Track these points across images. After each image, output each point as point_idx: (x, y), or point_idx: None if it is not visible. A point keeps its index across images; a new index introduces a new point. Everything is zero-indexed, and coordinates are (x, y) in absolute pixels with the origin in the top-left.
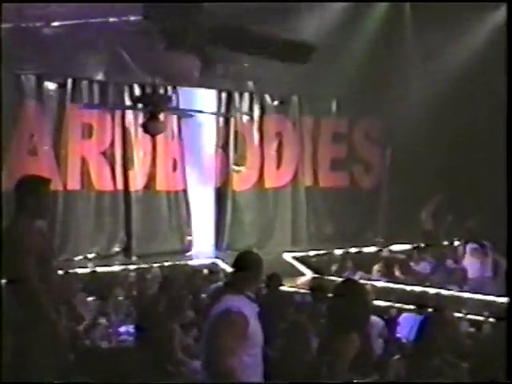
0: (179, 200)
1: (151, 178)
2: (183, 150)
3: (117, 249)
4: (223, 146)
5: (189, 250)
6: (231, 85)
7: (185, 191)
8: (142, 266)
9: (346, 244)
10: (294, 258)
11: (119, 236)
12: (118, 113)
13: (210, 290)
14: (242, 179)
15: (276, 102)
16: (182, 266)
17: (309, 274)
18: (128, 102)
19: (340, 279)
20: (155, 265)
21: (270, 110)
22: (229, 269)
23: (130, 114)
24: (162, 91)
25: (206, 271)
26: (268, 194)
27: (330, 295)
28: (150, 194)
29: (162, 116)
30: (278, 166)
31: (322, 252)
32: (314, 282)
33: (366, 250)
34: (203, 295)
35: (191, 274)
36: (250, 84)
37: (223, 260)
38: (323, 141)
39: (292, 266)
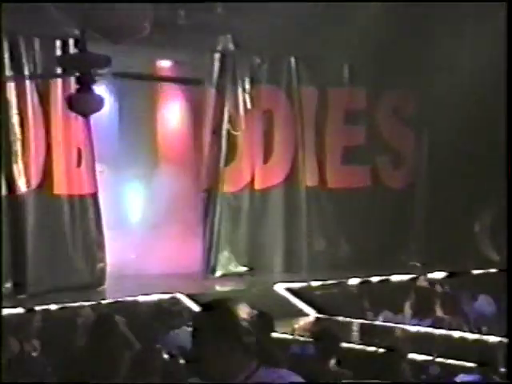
0: (86, 208)
1: (46, 176)
2: (91, 134)
3: (7, 284)
4: (214, 131)
5: (101, 282)
6: (199, 42)
7: (94, 196)
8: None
9: (365, 270)
10: (290, 290)
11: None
12: None
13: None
14: (233, 177)
15: (264, 66)
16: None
17: (312, 314)
18: (44, 66)
19: (357, 321)
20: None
21: (257, 79)
22: (196, 307)
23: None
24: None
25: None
26: (254, 198)
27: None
28: (44, 199)
29: (96, 86)
30: (266, 158)
31: (330, 282)
32: (318, 325)
33: (394, 278)
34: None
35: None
36: (226, 40)
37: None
38: (332, 121)
39: (287, 302)
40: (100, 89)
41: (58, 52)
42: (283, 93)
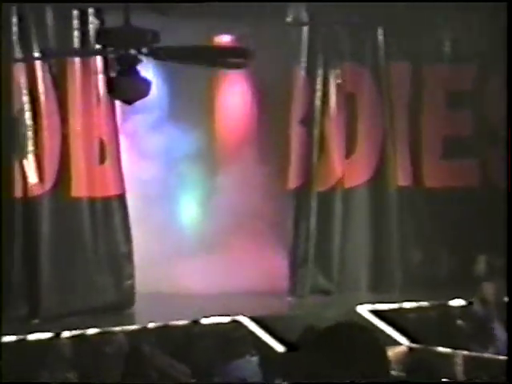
0: (110, 213)
1: (62, 175)
2: (116, 123)
3: (18, 307)
4: (303, 121)
5: (130, 303)
6: (265, 11)
7: (121, 198)
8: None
9: (471, 289)
10: (376, 313)
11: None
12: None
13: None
14: (324, 174)
15: (345, 41)
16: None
17: (404, 343)
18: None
19: (461, 352)
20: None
21: (339, 56)
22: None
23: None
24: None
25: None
26: (346, 198)
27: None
28: (60, 203)
29: (141, 68)
30: (349, 152)
31: (427, 303)
32: (412, 357)
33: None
34: None
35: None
36: (298, 9)
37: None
38: (430, 105)
39: (373, 326)
40: (146, 71)
41: (75, 25)
42: (368, 71)
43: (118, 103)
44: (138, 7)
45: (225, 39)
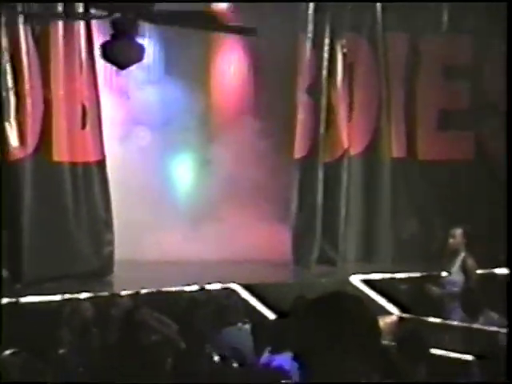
0: (91, 179)
1: (44, 140)
2: (97, 89)
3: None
4: (308, 90)
5: (109, 270)
6: None
7: (101, 164)
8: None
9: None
10: (368, 283)
11: None
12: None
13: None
14: (331, 144)
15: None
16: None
17: (395, 313)
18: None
19: (451, 322)
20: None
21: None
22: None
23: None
24: None
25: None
26: (341, 169)
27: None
28: (42, 167)
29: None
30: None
31: (419, 274)
32: (403, 326)
33: (500, 271)
34: None
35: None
36: None
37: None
38: (427, 77)
39: (365, 297)
40: (140, 35)
41: None
42: (366, 42)
43: (101, 68)
44: None
45: (221, 7)
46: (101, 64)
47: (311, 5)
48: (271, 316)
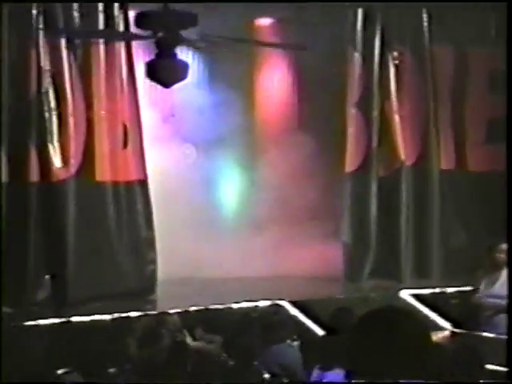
0: (134, 198)
1: (87, 160)
2: (139, 108)
3: (40, 295)
4: (358, 104)
5: (152, 288)
6: None
7: (143, 183)
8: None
9: None
10: (418, 297)
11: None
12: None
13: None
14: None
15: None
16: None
17: (447, 328)
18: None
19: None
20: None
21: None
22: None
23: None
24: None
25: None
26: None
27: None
28: (85, 188)
29: (179, 51)
30: None
31: (470, 288)
32: (457, 341)
33: None
34: None
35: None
36: None
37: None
38: (474, 89)
39: (416, 312)
40: (184, 54)
41: (100, 7)
42: (409, 53)
43: (145, 86)
44: None
45: (265, 22)
46: (146, 82)
47: (359, 17)
48: (320, 332)
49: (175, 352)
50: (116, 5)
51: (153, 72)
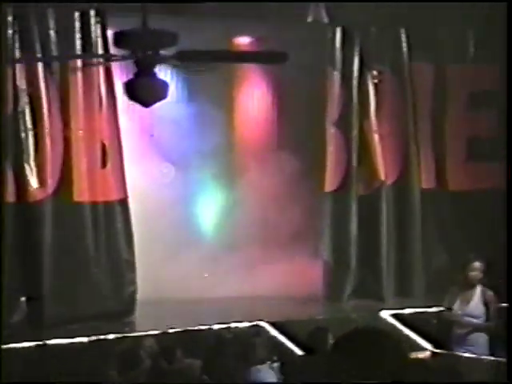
0: (113, 218)
1: (64, 180)
2: (118, 127)
3: (15, 317)
4: (337, 123)
5: (132, 309)
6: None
7: (123, 203)
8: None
9: (499, 296)
10: (398, 317)
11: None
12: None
13: None
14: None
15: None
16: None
17: (428, 348)
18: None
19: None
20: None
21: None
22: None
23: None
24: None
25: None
26: (378, 201)
27: None
28: (62, 208)
29: (157, 70)
30: None
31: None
32: (438, 362)
33: None
34: None
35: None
36: (318, 9)
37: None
38: (453, 106)
39: (396, 332)
40: (163, 73)
41: (77, 25)
42: (388, 71)
43: (124, 107)
44: (154, 9)
45: (242, 40)
46: (124, 102)
47: (338, 36)
48: (300, 353)
49: (155, 374)
50: (93, 22)
51: (132, 91)
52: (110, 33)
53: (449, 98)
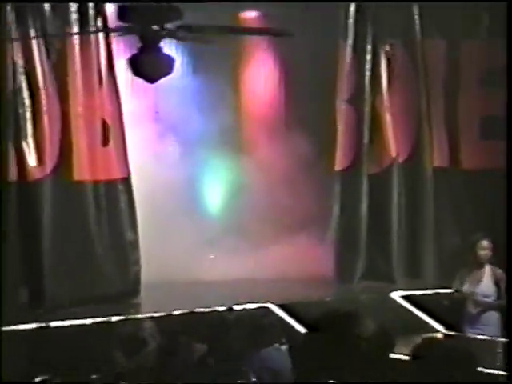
0: (116, 197)
1: (64, 158)
2: (120, 103)
3: (16, 299)
4: (349, 99)
5: (136, 291)
6: None
7: (126, 181)
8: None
9: None
10: (409, 299)
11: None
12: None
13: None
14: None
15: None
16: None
17: (440, 330)
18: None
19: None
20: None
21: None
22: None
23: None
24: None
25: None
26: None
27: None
28: (62, 187)
29: (163, 45)
30: None
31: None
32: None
33: None
34: None
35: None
36: None
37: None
38: (467, 83)
39: (407, 314)
40: (169, 48)
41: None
42: (401, 47)
43: (129, 82)
44: None
45: (248, 15)
46: (127, 77)
47: (352, 10)
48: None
49: (161, 356)
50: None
51: (137, 67)
52: (114, 7)
53: (462, 75)
